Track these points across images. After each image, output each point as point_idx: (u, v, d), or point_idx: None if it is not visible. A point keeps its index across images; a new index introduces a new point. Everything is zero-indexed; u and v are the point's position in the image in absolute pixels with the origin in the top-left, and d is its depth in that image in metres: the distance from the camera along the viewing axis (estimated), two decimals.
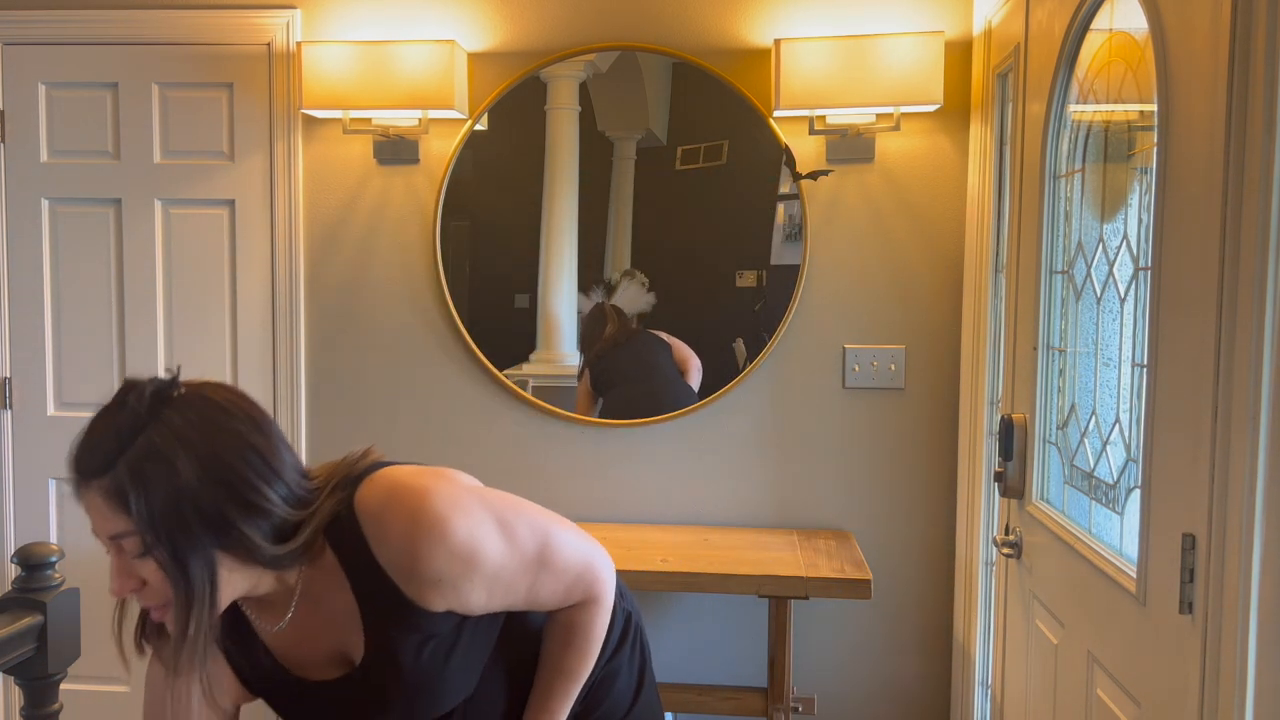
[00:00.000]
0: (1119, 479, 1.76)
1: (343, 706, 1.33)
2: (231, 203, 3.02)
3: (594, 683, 1.49)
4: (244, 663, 1.35)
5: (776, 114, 2.74)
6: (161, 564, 1.13)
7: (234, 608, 1.32)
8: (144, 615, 1.27)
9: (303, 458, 3.04)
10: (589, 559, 1.38)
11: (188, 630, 1.15)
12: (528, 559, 1.30)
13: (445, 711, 1.37)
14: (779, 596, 2.52)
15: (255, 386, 3.04)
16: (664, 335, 2.91)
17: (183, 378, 1.21)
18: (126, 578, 1.16)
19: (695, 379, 2.91)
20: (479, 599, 1.27)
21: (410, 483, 1.25)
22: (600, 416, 2.96)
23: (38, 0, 3.01)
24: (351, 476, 1.27)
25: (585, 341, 2.95)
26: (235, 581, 1.19)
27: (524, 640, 1.43)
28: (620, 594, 1.57)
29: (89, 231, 3.07)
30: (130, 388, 1.17)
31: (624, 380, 2.98)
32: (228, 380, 3.05)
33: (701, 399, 2.90)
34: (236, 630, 1.34)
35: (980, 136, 2.68)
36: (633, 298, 2.95)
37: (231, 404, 1.20)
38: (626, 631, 1.56)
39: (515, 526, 1.30)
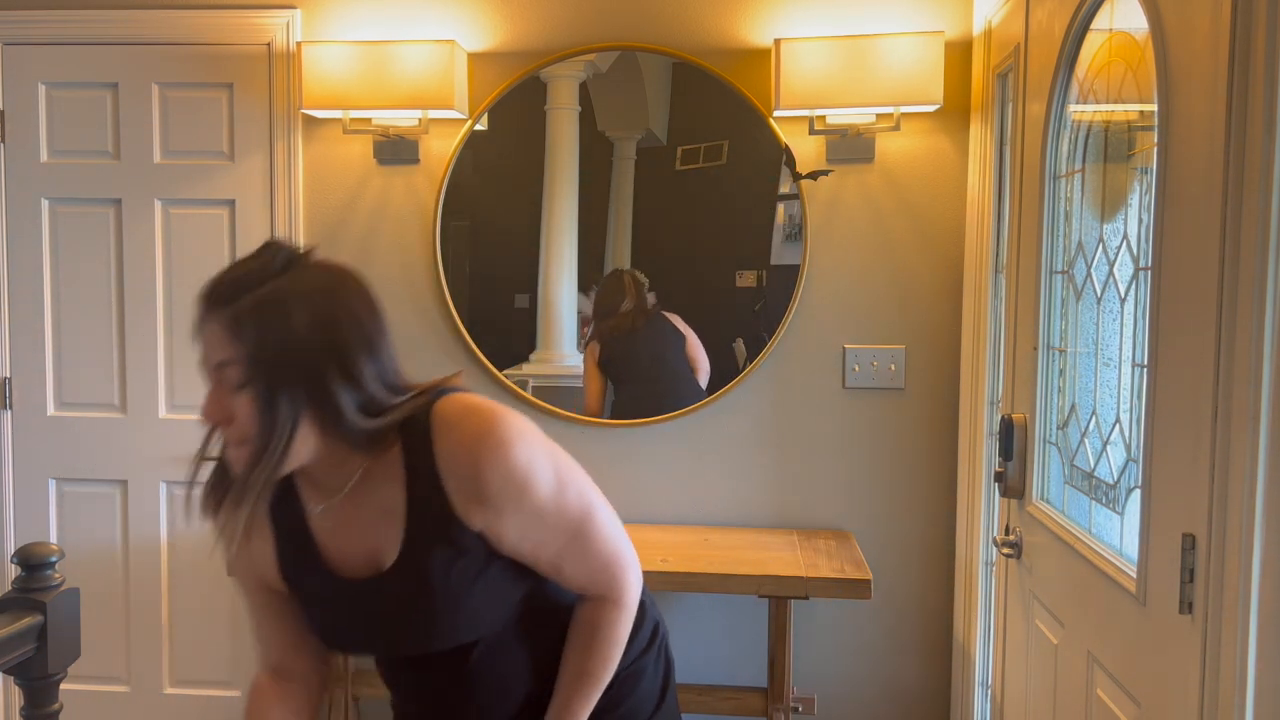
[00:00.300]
0: (1119, 479, 1.76)
1: (367, 612, 1.36)
2: (231, 203, 3.02)
3: (619, 678, 1.50)
4: (285, 536, 1.40)
5: (776, 114, 2.74)
6: (255, 398, 1.22)
7: (289, 484, 1.38)
8: (210, 483, 1.33)
9: None
10: (620, 554, 1.41)
11: (253, 471, 1.23)
12: (567, 519, 1.35)
13: (461, 642, 1.39)
14: (779, 596, 2.52)
15: None
16: (679, 324, 2.90)
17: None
18: (218, 408, 1.24)
19: (704, 379, 2.91)
20: (512, 534, 1.32)
21: (488, 406, 1.33)
22: (610, 414, 2.95)
23: (38, 0, 3.01)
24: (438, 389, 1.35)
25: (600, 308, 2.93)
26: (310, 443, 1.26)
27: (549, 622, 1.45)
28: (651, 602, 1.59)
29: (89, 231, 3.07)
30: (270, 244, 1.29)
31: (635, 377, 2.97)
32: None
33: (702, 398, 2.90)
34: (286, 504, 1.39)
35: (980, 137, 2.68)
36: None
37: (355, 286, 1.30)
38: (654, 638, 1.58)
39: (568, 485, 1.36)
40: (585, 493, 1.38)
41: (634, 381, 2.97)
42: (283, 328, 1.22)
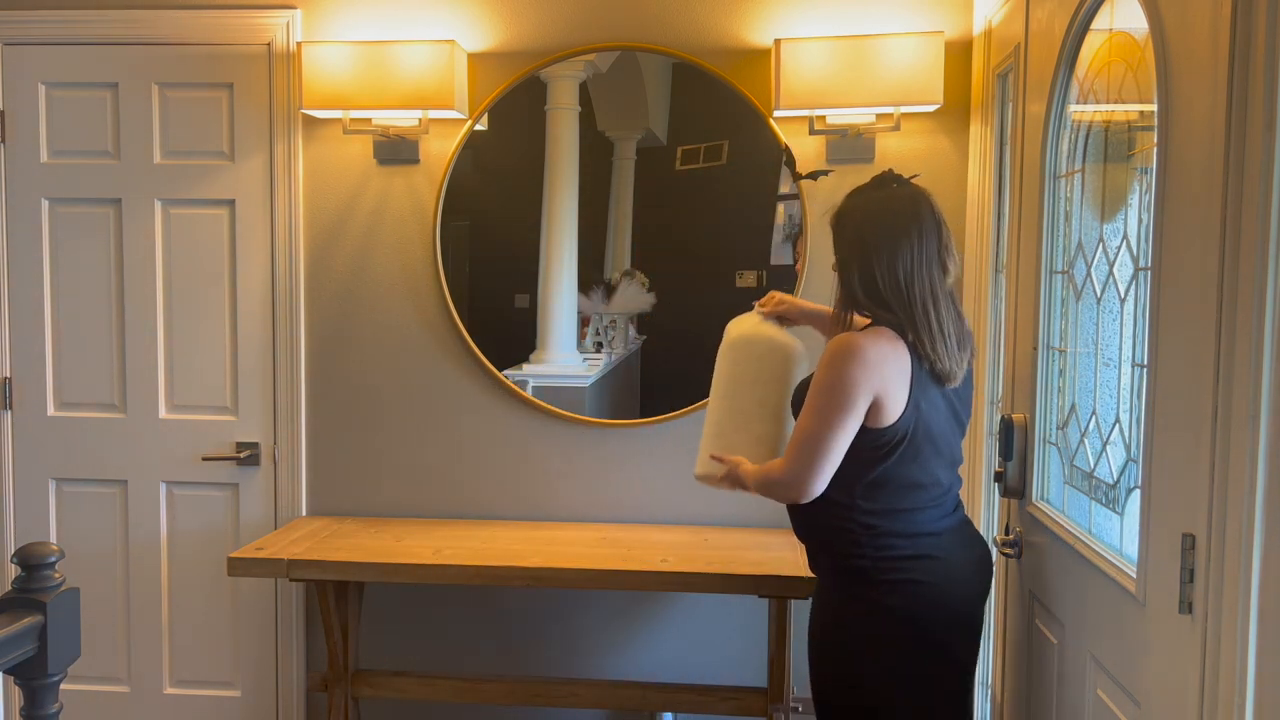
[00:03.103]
0: (1119, 479, 1.76)
1: None
2: (231, 203, 3.02)
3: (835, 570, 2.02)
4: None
5: (776, 114, 2.74)
6: (836, 262, 1.99)
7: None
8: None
9: (303, 459, 3.05)
10: (801, 457, 1.89)
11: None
12: (809, 408, 1.89)
13: None
14: (779, 596, 2.52)
15: (255, 386, 3.04)
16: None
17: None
18: (834, 263, 2.01)
19: None
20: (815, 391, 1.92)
21: (856, 343, 1.87)
22: None
23: (38, 0, 3.01)
24: (887, 324, 1.91)
25: None
26: (845, 297, 1.98)
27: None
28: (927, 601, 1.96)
29: (89, 231, 3.07)
30: (882, 173, 1.99)
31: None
32: (225, 378, 3.06)
33: (704, 399, 2.90)
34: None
35: (980, 136, 2.68)
36: (632, 298, 2.95)
37: (899, 209, 1.92)
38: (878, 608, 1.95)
39: (829, 403, 1.86)
40: (832, 415, 1.86)
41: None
42: (840, 224, 1.97)
